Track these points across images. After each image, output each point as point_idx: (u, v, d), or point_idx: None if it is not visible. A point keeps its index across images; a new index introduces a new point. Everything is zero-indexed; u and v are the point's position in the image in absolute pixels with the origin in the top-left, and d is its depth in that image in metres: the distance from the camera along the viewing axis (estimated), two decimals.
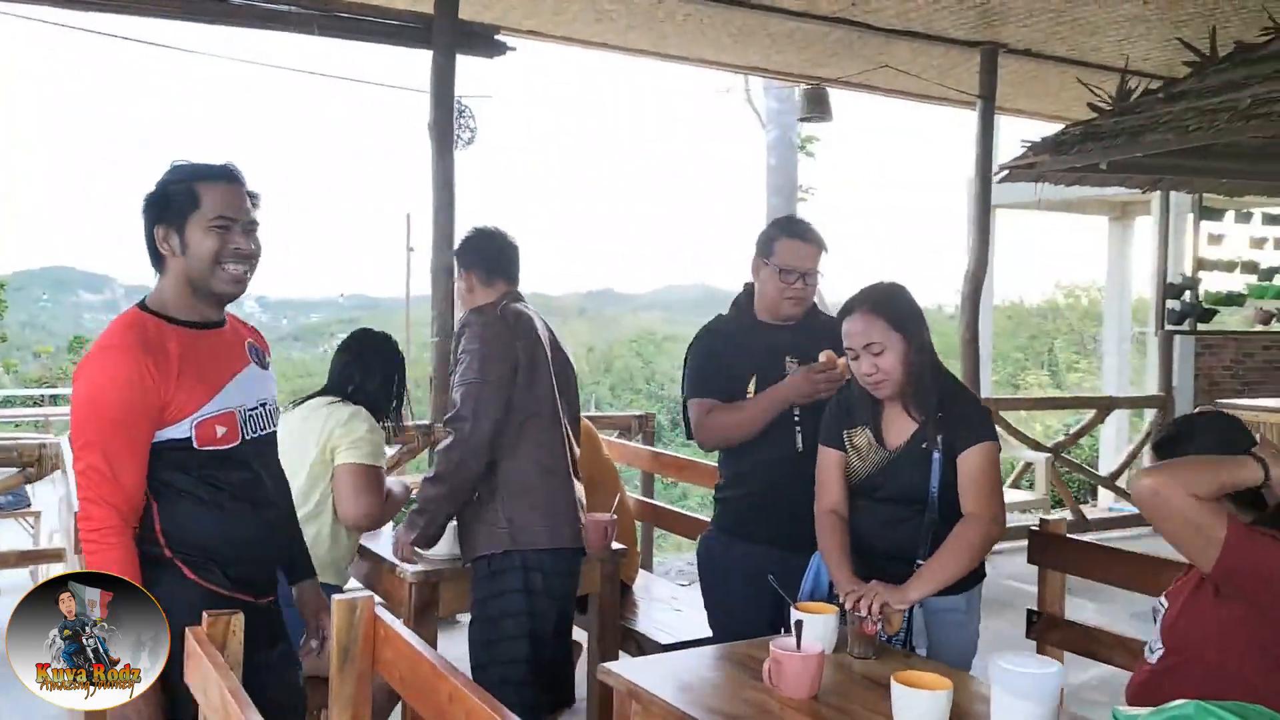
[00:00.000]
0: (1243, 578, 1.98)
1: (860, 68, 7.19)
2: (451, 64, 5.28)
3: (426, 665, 1.73)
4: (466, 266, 3.18)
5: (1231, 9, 5.97)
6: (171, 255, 2.18)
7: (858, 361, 2.54)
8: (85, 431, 2.07)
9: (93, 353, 2.13)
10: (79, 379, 2.11)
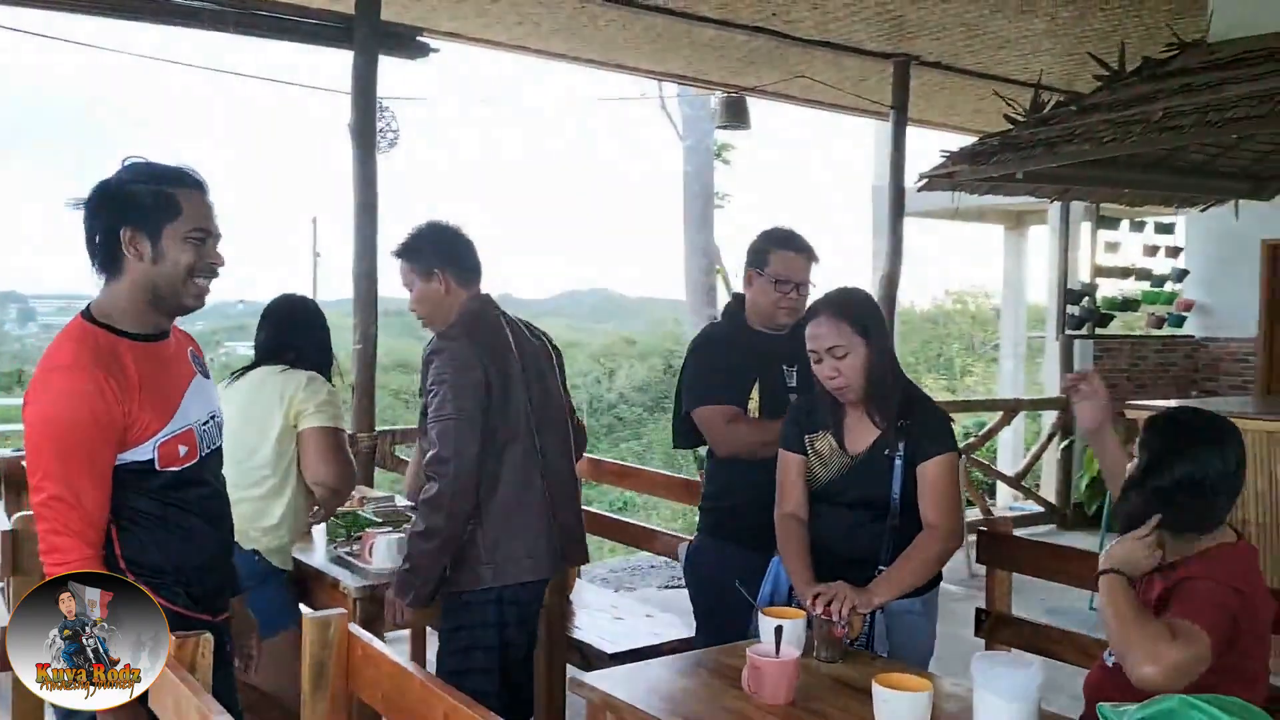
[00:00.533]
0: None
1: (777, 77, 7.29)
2: (373, 65, 5.18)
3: (417, 684, 1.67)
4: (437, 267, 2.91)
5: (1133, 25, 6.22)
6: (137, 260, 2.04)
7: (820, 365, 2.56)
8: (43, 460, 1.95)
9: (44, 374, 1.99)
10: (31, 403, 1.97)
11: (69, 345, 2.01)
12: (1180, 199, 6.86)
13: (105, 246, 2.05)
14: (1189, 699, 1.70)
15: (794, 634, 2.31)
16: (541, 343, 3.12)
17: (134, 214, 2.03)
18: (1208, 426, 2.20)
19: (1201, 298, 9.27)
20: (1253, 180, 6.63)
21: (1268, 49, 4.65)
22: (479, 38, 6.30)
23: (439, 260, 2.94)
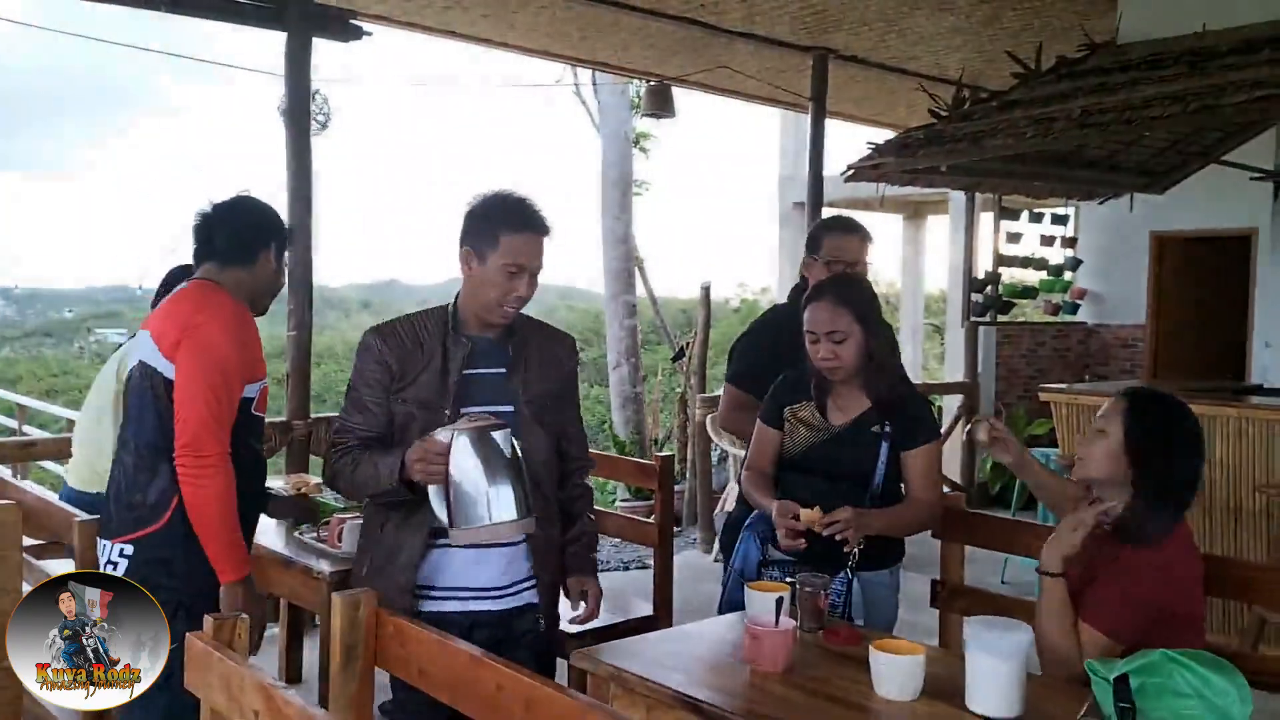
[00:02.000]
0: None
1: (700, 67, 7.40)
2: (307, 47, 5.12)
3: (463, 657, 1.72)
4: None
5: (1042, 25, 6.51)
6: (268, 267, 2.65)
7: (816, 345, 2.65)
8: (219, 366, 2.40)
9: (214, 302, 2.48)
10: (207, 322, 2.42)
11: (219, 291, 2.52)
12: (1083, 192, 7.22)
13: (245, 247, 2.61)
14: (1168, 653, 1.86)
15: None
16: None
17: (279, 235, 2.69)
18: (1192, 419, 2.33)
19: (1094, 286, 9.72)
20: (1148, 175, 7.03)
21: (1174, 51, 4.96)
22: (407, 21, 6.25)
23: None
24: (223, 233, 2.58)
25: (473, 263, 2.37)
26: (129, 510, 2.43)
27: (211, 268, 2.58)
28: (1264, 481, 4.77)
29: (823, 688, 2.14)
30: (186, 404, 2.37)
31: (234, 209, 2.61)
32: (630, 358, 9.60)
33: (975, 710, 2.00)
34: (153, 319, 2.57)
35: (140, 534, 2.43)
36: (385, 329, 2.43)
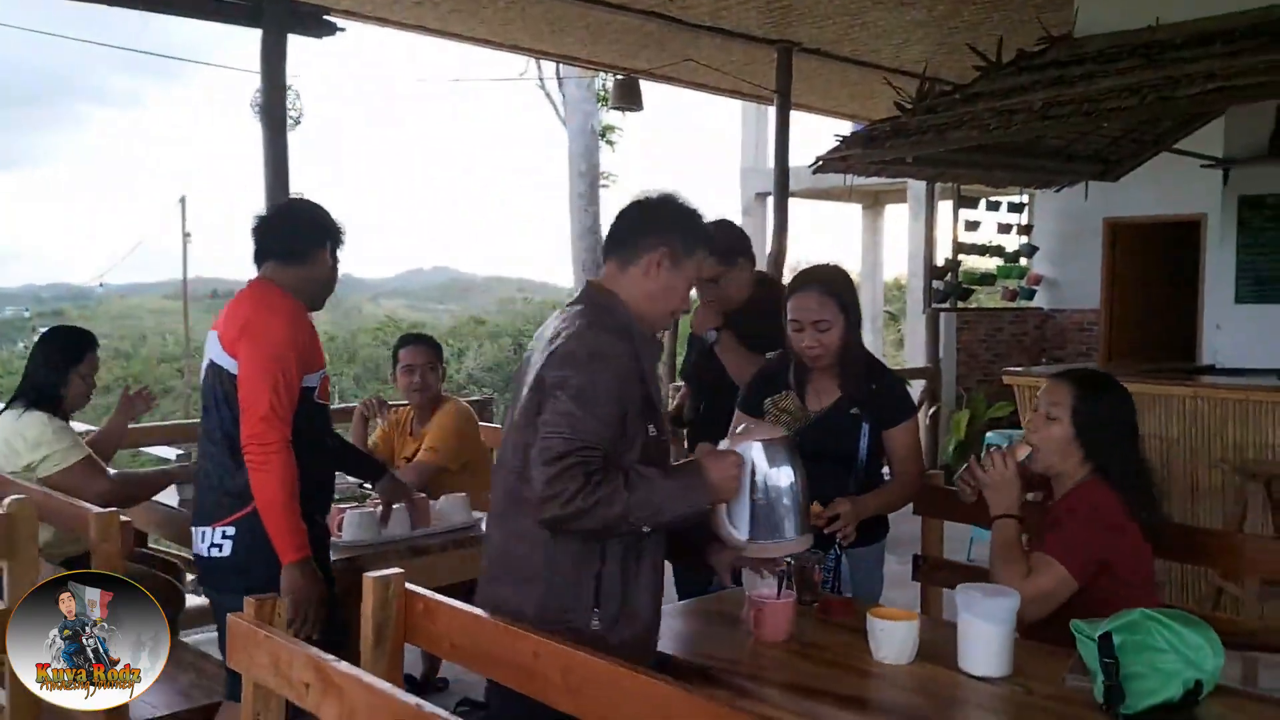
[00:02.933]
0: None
1: (666, 60, 7.51)
2: (283, 43, 5.17)
3: (496, 629, 1.82)
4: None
5: (1000, 18, 6.69)
6: (324, 265, 2.82)
7: (801, 334, 2.77)
8: (279, 358, 2.57)
9: (271, 301, 2.67)
10: (264, 317, 2.61)
11: (276, 289, 2.71)
12: (1040, 180, 7.42)
13: (304, 245, 2.78)
14: (1147, 611, 2.00)
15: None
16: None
17: (336, 235, 2.85)
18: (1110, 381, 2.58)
19: (1049, 272, 9.97)
20: (1103, 163, 7.24)
21: (1130, 44, 5.14)
22: (378, 16, 6.29)
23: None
24: (280, 234, 2.77)
25: (665, 265, 2.17)
26: (225, 496, 2.61)
27: (272, 266, 2.75)
28: (1219, 457, 4.98)
29: (823, 654, 2.27)
30: (249, 396, 2.55)
31: (291, 211, 2.86)
32: None
33: (968, 670, 2.15)
34: (218, 319, 2.73)
35: (239, 515, 2.61)
36: (617, 330, 2.11)
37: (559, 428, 1.97)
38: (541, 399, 2.02)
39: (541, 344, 2.16)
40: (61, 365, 3.46)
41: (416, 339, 4.18)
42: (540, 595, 2.02)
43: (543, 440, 1.97)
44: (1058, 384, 2.56)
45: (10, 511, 2.54)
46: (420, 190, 76.49)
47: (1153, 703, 1.92)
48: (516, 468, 2.08)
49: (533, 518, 2.00)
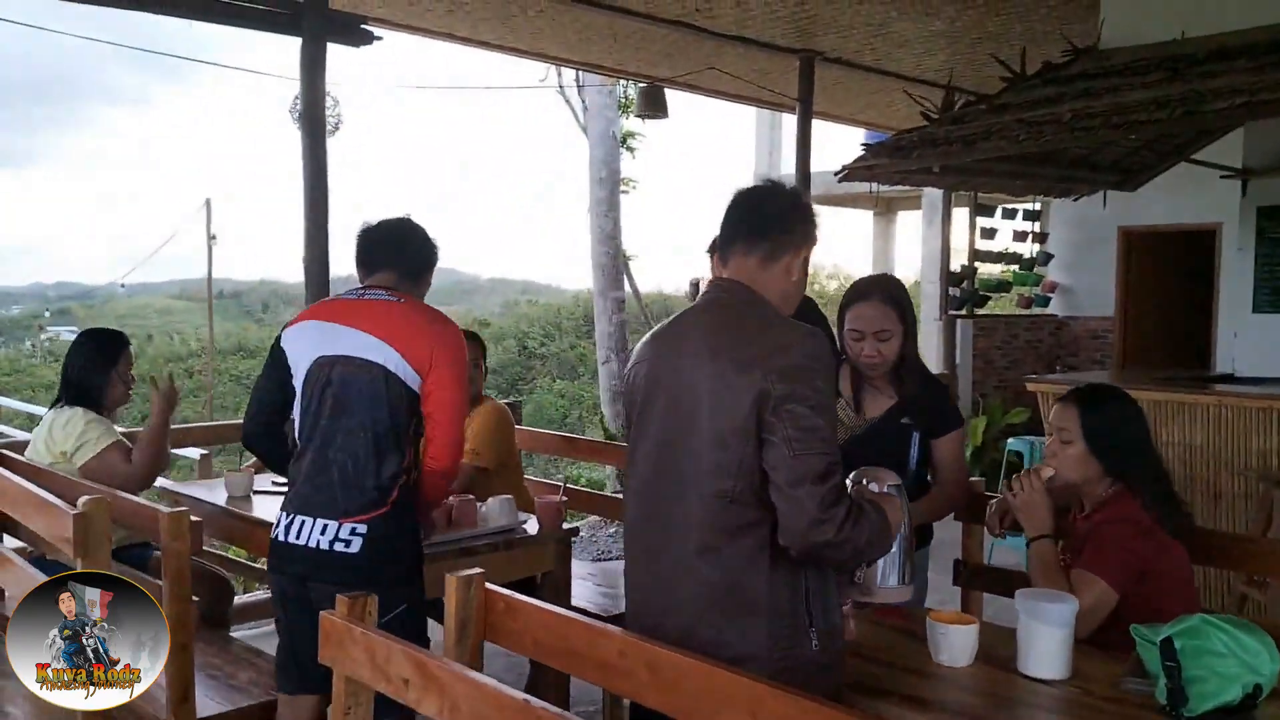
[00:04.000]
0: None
1: (690, 69, 7.58)
2: (322, 51, 5.21)
3: (580, 626, 1.88)
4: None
5: (1023, 29, 6.76)
6: (428, 285, 3.05)
7: (861, 343, 2.81)
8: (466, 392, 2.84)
9: (441, 322, 2.82)
10: (457, 351, 2.79)
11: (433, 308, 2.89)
12: (1060, 189, 7.47)
13: (423, 267, 2.98)
14: (1206, 617, 2.07)
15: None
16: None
17: (437, 257, 3.05)
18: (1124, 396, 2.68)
19: (1064, 280, 10.05)
20: (1122, 173, 7.30)
21: (1155, 57, 5.21)
22: (410, 25, 6.37)
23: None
24: (405, 250, 2.90)
25: (795, 268, 2.12)
26: (360, 494, 2.66)
27: (392, 278, 2.85)
28: (1243, 465, 5.04)
29: (883, 656, 2.33)
30: (445, 423, 2.76)
31: (412, 230, 2.94)
32: (620, 353, 9.77)
33: (1028, 673, 2.21)
34: (381, 326, 2.71)
35: (373, 515, 2.66)
36: (813, 332, 2.01)
37: (811, 445, 1.86)
38: (763, 413, 1.89)
39: (684, 349, 2.04)
40: (101, 366, 3.64)
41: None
42: (767, 627, 1.93)
43: (799, 460, 1.85)
44: (1064, 406, 2.65)
45: (85, 511, 2.60)
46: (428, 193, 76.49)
47: (1214, 705, 1.98)
48: (729, 492, 1.93)
49: (757, 542, 1.92)
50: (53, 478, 3.30)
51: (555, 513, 3.57)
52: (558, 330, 24.98)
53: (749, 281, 2.09)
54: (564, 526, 3.62)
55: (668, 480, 2.02)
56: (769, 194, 2.16)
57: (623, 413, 2.33)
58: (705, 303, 2.14)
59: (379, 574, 2.61)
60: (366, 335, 2.69)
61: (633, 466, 2.14)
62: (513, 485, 4.09)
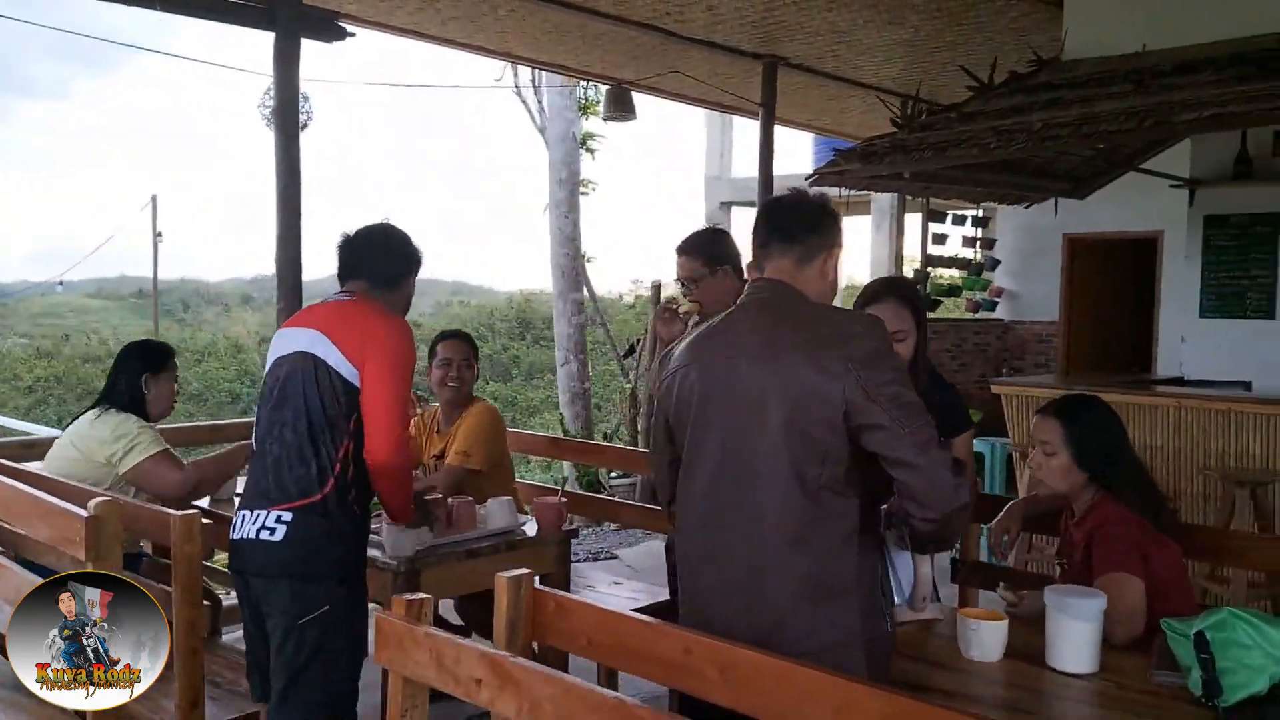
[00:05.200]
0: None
1: (655, 71, 7.60)
2: (295, 47, 5.13)
3: (641, 625, 1.89)
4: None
5: (984, 38, 6.90)
6: (407, 291, 2.94)
7: None
8: (404, 375, 2.70)
9: (391, 317, 2.75)
10: (395, 334, 2.69)
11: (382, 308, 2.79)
12: (1013, 196, 7.65)
13: (400, 274, 2.89)
14: (1234, 610, 2.15)
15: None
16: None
17: (418, 265, 2.95)
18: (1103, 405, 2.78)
19: (1010, 285, 10.28)
20: (1074, 181, 7.49)
21: (1119, 69, 5.36)
22: (378, 22, 6.29)
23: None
24: (376, 258, 2.85)
25: (830, 268, 2.21)
26: (290, 483, 2.60)
27: (363, 286, 2.82)
28: (1202, 466, 5.21)
29: (916, 652, 2.37)
30: (380, 416, 2.63)
31: (388, 238, 2.90)
32: (578, 354, 9.76)
33: (1058, 667, 2.27)
34: (322, 320, 2.74)
35: (299, 504, 2.58)
36: (872, 319, 2.15)
37: (917, 417, 1.94)
38: (855, 401, 1.94)
39: (742, 348, 2.08)
40: (150, 376, 3.66)
41: (454, 335, 4.24)
42: (859, 607, 2.01)
43: (916, 433, 1.92)
44: (1045, 419, 2.76)
45: (97, 514, 2.53)
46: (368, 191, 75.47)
47: (1244, 695, 2.05)
48: (816, 481, 1.99)
49: (845, 528, 2.00)
50: (40, 480, 3.22)
51: (556, 514, 3.57)
52: (490, 332, 24.85)
53: (789, 280, 2.17)
54: (564, 528, 3.62)
55: (740, 480, 2.05)
56: (798, 199, 2.25)
57: (662, 421, 2.28)
58: (752, 302, 2.20)
59: (302, 568, 2.56)
60: (310, 331, 2.71)
61: (691, 470, 2.16)
62: (504, 487, 4.08)
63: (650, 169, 62.34)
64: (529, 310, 26.04)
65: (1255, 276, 7.17)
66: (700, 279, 3.34)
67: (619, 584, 4.19)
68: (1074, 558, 2.70)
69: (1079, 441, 2.68)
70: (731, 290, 3.44)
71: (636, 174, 60.98)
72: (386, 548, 3.18)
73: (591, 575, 4.42)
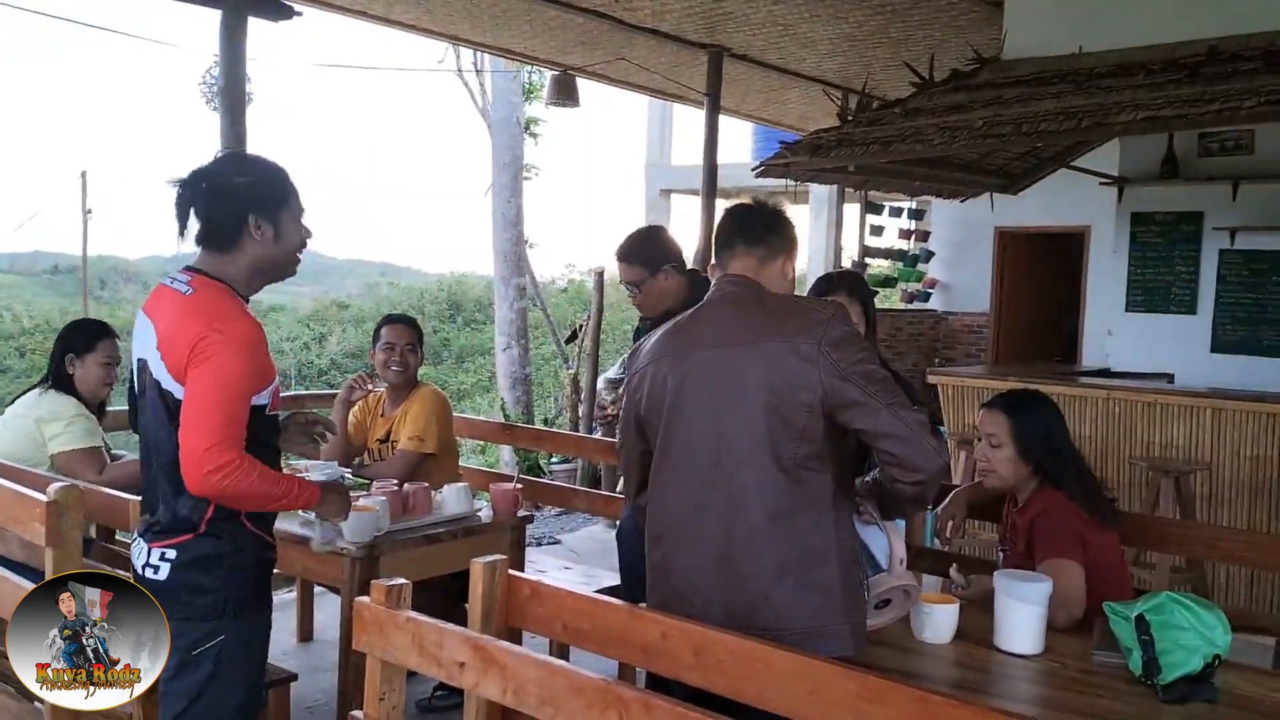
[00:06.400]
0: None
1: (601, 58, 7.62)
2: (243, 24, 5.09)
3: (619, 610, 1.94)
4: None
5: (924, 35, 7.04)
6: (260, 242, 2.31)
7: None
8: (231, 389, 2.18)
9: (224, 320, 2.21)
10: (217, 344, 2.18)
11: (231, 301, 2.27)
12: (949, 190, 7.83)
13: (226, 228, 2.30)
14: (1172, 595, 2.27)
15: None
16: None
17: (259, 202, 2.31)
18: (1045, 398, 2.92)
19: (943, 276, 10.51)
20: (1007, 177, 7.69)
21: (1057, 70, 5.53)
22: (325, 1, 6.22)
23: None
24: (200, 211, 2.29)
25: (788, 269, 2.38)
26: (169, 518, 2.29)
27: (202, 256, 2.33)
28: (1130, 455, 5.41)
29: (870, 634, 2.45)
30: (186, 436, 2.18)
31: (200, 182, 2.29)
32: (520, 340, 9.76)
33: (1005, 649, 2.37)
34: (161, 318, 2.29)
35: (183, 539, 2.27)
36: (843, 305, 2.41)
37: (892, 391, 2.09)
38: (831, 383, 2.07)
39: (715, 339, 2.19)
40: (76, 354, 3.62)
41: (399, 319, 4.23)
42: (840, 576, 2.13)
43: (894, 407, 2.06)
44: (991, 413, 2.90)
45: (57, 499, 2.51)
46: (292, 170, 73.77)
47: (1180, 674, 2.18)
48: (793, 459, 2.10)
49: (822, 504, 2.12)
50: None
51: (511, 500, 3.61)
52: (420, 314, 24.55)
53: (752, 275, 2.30)
54: (519, 514, 3.66)
55: (717, 463, 2.15)
56: (757, 206, 2.43)
57: (632, 414, 2.34)
58: (722, 296, 2.31)
59: (190, 604, 2.25)
60: (151, 334, 2.29)
61: (665, 458, 2.24)
62: (453, 471, 4.11)
63: (589, 154, 62.24)
64: (459, 293, 25.80)
65: (1179, 273, 7.45)
66: (643, 282, 3.44)
67: (569, 569, 4.24)
68: (1016, 544, 2.82)
69: (1023, 434, 2.80)
70: (676, 287, 3.51)
71: (575, 159, 60.77)
72: (345, 533, 3.19)
73: (540, 560, 4.47)
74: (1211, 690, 2.16)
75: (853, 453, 2.22)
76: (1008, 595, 2.39)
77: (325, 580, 3.37)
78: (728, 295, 2.28)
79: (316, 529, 2.86)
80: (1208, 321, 7.45)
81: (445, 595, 3.78)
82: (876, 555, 2.29)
